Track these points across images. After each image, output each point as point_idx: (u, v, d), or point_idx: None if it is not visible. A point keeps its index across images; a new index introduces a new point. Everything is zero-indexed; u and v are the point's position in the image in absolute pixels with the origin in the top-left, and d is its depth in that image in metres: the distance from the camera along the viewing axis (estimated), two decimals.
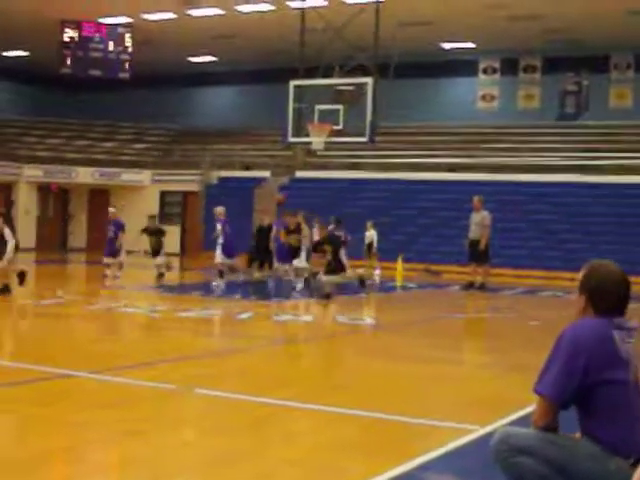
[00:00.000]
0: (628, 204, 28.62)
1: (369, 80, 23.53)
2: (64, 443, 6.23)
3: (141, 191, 37.65)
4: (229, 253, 21.40)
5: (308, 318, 15.78)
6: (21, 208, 36.54)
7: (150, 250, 22.35)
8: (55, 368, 9.06)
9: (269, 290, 21.01)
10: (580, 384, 4.26)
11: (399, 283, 24.53)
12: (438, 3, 28.54)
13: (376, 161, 34.39)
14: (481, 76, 37.17)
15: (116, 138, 40.43)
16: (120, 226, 21.56)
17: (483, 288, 22.09)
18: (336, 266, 18.35)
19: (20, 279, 17.04)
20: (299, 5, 26.00)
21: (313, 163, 35.48)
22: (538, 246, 28.33)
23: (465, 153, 33.86)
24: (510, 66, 36.47)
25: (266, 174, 35.81)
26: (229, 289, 20.01)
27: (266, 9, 30.33)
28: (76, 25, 34.51)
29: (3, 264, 16.42)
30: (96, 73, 35.67)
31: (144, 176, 37.94)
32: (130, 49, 35.26)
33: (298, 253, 20.55)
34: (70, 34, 34.55)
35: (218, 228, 21.23)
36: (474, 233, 22.33)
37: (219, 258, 21.10)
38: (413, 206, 31.33)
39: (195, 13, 31.49)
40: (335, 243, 18.80)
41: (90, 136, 40.12)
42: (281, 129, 27.16)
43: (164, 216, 37.46)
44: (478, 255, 22.20)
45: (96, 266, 21.85)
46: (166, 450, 6.17)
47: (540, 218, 29.30)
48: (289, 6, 28.57)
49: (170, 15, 32.00)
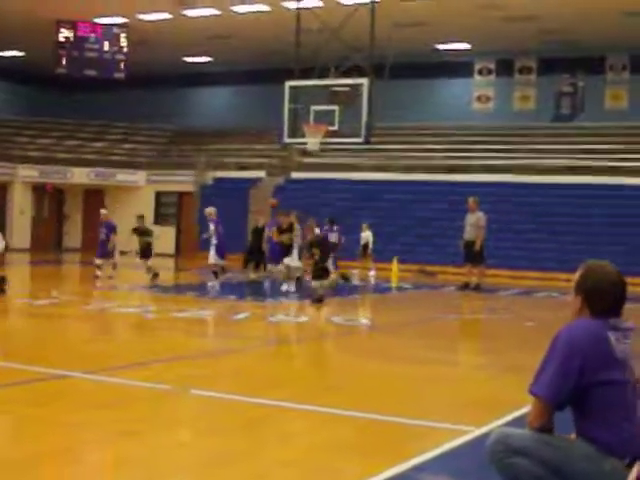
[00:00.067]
0: (624, 205, 28.67)
1: (364, 81, 23.52)
2: (59, 444, 6.22)
3: (136, 191, 37.62)
4: (222, 254, 21.37)
5: (303, 319, 15.77)
6: (16, 208, 36.51)
7: (139, 250, 22.24)
8: (50, 368, 9.05)
9: (264, 291, 20.99)
10: (575, 385, 4.25)
11: (394, 284, 24.53)
12: (433, 4, 28.57)
13: (371, 162, 34.40)
14: (476, 77, 37.19)
15: (111, 138, 40.38)
16: (112, 228, 21.55)
17: (478, 289, 22.10)
18: (322, 270, 18.31)
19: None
20: (294, 6, 25.98)
21: (308, 164, 35.48)
22: (533, 247, 28.35)
23: (460, 154, 33.89)
24: (505, 67, 36.49)
25: (261, 175, 35.83)
26: (224, 290, 19.99)
27: (262, 10, 30.33)
28: (71, 25, 34.48)
29: None
30: (91, 73, 35.64)
31: (139, 176, 37.92)
32: (125, 49, 35.25)
33: (290, 251, 20.51)
34: (65, 34, 34.51)
35: (211, 228, 21.17)
36: (469, 234, 22.34)
37: (213, 259, 21.07)
38: (408, 207, 31.33)
39: (191, 13, 31.48)
40: (324, 247, 18.75)
41: (85, 136, 40.07)
42: (277, 130, 27.17)
43: (159, 217, 37.54)
44: (473, 256, 22.22)
45: (91, 266, 21.81)
46: (161, 451, 6.16)
47: (535, 219, 29.33)
48: (284, 7, 28.58)
49: (165, 15, 31.99)
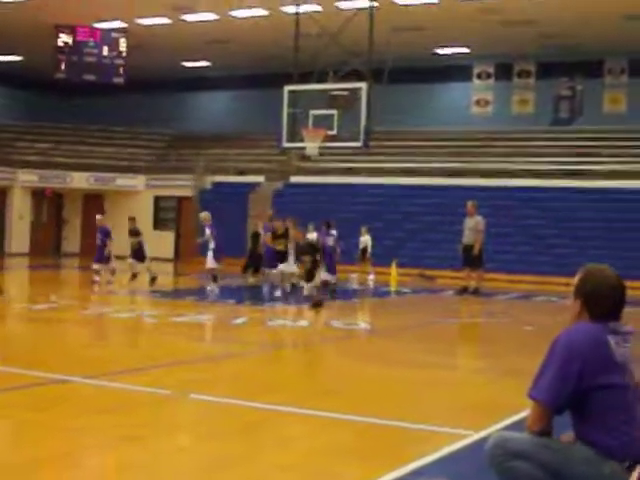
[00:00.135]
0: (623, 209, 28.65)
1: (363, 85, 23.54)
2: (59, 449, 6.23)
3: (135, 196, 37.61)
4: (218, 258, 21.30)
5: (302, 323, 15.78)
6: (15, 213, 36.51)
7: (130, 252, 22.24)
8: (50, 373, 9.05)
9: (263, 295, 20.99)
10: (575, 389, 4.26)
11: (393, 288, 24.54)
12: (432, 8, 28.58)
13: (370, 166, 34.42)
14: (475, 81, 37.20)
15: (110, 143, 40.35)
16: (106, 233, 21.59)
17: (477, 293, 22.11)
18: (310, 272, 18.30)
19: None
20: (293, 10, 26.00)
21: (307, 168, 35.50)
22: (532, 251, 28.36)
23: (459, 158, 33.90)
24: (504, 71, 36.49)
25: (260, 179, 35.83)
26: (223, 294, 19.98)
27: (260, 14, 30.33)
28: (70, 30, 34.47)
29: None
30: (90, 78, 35.63)
31: (138, 181, 37.92)
32: (124, 54, 35.24)
33: (285, 257, 20.46)
34: (64, 39, 34.50)
35: (207, 233, 21.12)
36: (468, 238, 22.35)
37: (211, 263, 21.02)
38: (407, 211, 31.35)
39: (189, 18, 31.48)
40: (313, 252, 18.72)
41: (84, 141, 40.03)
42: (275, 134, 27.16)
43: (158, 221, 37.54)
44: (472, 260, 22.23)
45: (90, 271, 21.83)
46: (161, 455, 6.17)
47: (534, 223, 29.34)
48: (283, 11, 28.57)
49: (164, 20, 31.99)
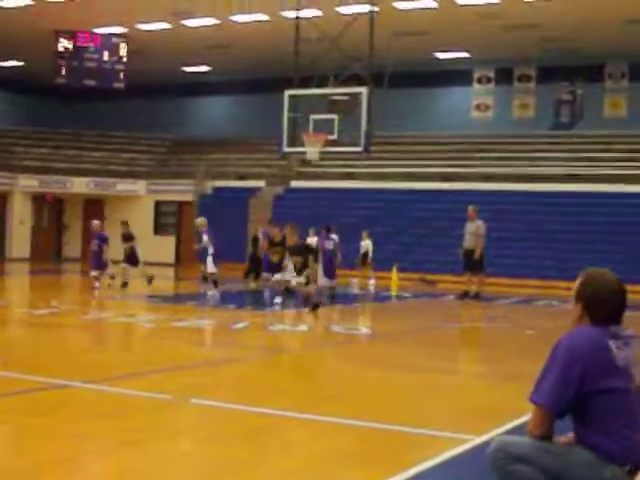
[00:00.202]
0: (624, 212, 28.67)
1: (364, 90, 23.53)
2: (60, 454, 6.22)
3: (136, 201, 37.63)
4: (217, 263, 21.23)
5: (303, 328, 15.77)
6: (16, 218, 36.51)
7: (124, 257, 22.22)
8: (50, 378, 9.04)
9: (264, 300, 20.97)
10: (576, 393, 4.25)
11: (394, 293, 24.52)
12: (432, 13, 28.60)
13: (371, 171, 34.42)
14: (476, 85, 37.22)
15: (111, 148, 40.37)
16: (104, 239, 21.63)
17: (478, 297, 22.09)
18: (302, 270, 18.22)
19: None
20: (294, 15, 26.01)
21: (308, 173, 35.50)
22: (533, 255, 28.34)
23: (460, 162, 33.91)
24: (505, 75, 36.50)
25: (261, 184, 35.84)
26: (224, 299, 19.97)
27: (261, 19, 30.36)
28: (70, 35, 34.49)
29: None
30: (91, 83, 35.64)
31: (139, 186, 37.92)
32: (125, 59, 35.26)
33: (280, 268, 20.04)
34: (65, 44, 34.51)
35: (205, 239, 21.10)
36: (469, 242, 22.34)
37: (211, 268, 21.00)
38: (408, 216, 31.35)
39: (190, 23, 31.51)
40: (304, 253, 18.45)
41: (85, 146, 40.06)
42: (276, 139, 27.18)
43: (159, 226, 37.55)
44: (473, 264, 22.21)
45: (90, 277, 21.82)
46: (162, 460, 6.16)
47: (535, 227, 29.32)
48: (284, 16, 28.58)
49: (165, 25, 32.02)
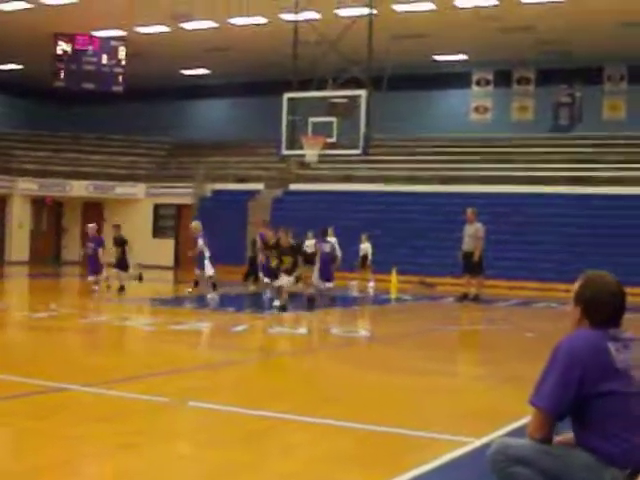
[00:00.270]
0: (622, 215, 28.67)
1: (362, 92, 23.52)
2: (59, 457, 6.21)
3: (135, 204, 37.64)
4: (202, 266, 21.09)
5: (303, 331, 15.77)
6: (15, 221, 36.52)
7: (115, 262, 22.07)
8: (49, 381, 9.02)
9: (264, 303, 20.95)
10: (576, 396, 4.24)
11: (393, 295, 24.52)
12: (431, 15, 28.61)
13: (370, 173, 34.43)
14: (474, 88, 37.24)
15: (110, 151, 40.37)
16: (100, 242, 21.59)
17: (477, 300, 22.09)
18: (291, 270, 18.07)
19: None
20: (292, 18, 26.02)
21: (307, 175, 35.51)
22: (532, 257, 28.33)
23: (458, 165, 33.92)
24: (503, 78, 36.53)
25: (260, 187, 35.84)
26: (223, 302, 19.96)
27: (259, 22, 30.39)
28: (69, 38, 34.50)
29: None
30: (89, 86, 35.65)
31: (138, 189, 37.94)
32: (123, 62, 35.26)
33: (277, 274, 19.75)
34: (63, 47, 34.52)
35: (200, 243, 21.05)
36: (468, 245, 22.34)
37: (210, 271, 20.97)
38: (407, 218, 31.33)
39: (188, 26, 31.51)
40: (294, 254, 18.28)
41: (84, 149, 40.07)
42: (275, 142, 27.16)
43: (158, 229, 37.57)
44: (472, 267, 22.21)
45: (88, 281, 21.82)
46: (161, 463, 6.14)
47: (534, 230, 29.32)
48: (282, 19, 28.60)
49: (163, 28, 32.03)
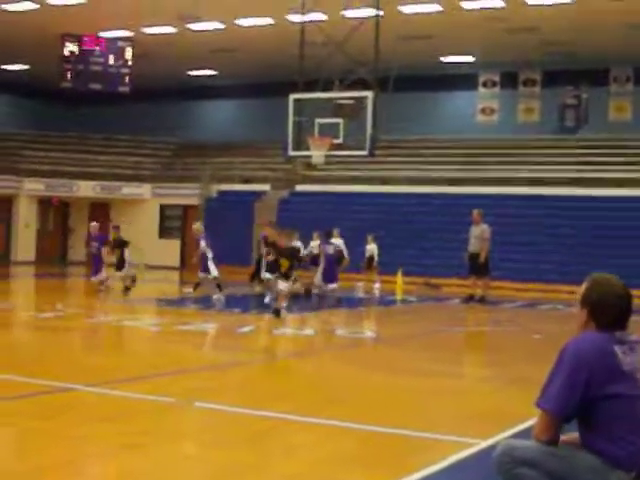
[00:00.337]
0: (628, 217, 28.61)
1: (369, 94, 23.50)
2: (64, 457, 6.21)
3: (141, 205, 37.67)
4: (205, 268, 21.01)
5: (308, 332, 15.77)
6: (21, 221, 36.58)
7: (115, 262, 22.00)
8: (55, 381, 9.03)
9: (269, 304, 20.92)
10: (582, 398, 4.24)
11: (399, 296, 24.52)
12: (437, 17, 28.59)
13: (376, 174, 34.41)
14: (481, 89, 37.22)
15: (116, 152, 40.40)
16: (103, 241, 21.65)
17: (483, 301, 22.08)
18: (288, 274, 17.72)
19: None
20: (299, 19, 26.01)
21: (313, 177, 35.50)
22: (538, 259, 28.29)
23: (465, 166, 33.89)
24: (510, 79, 36.51)
25: (266, 188, 35.83)
26: (229, 303, 19.95)
27: (266, 23, 30.39)
28: (76, 39, 34.51)
29: None
30: (96, 87, 35.65)
31: (144, 190, 37.96)
32: (130, 63, 35.27)
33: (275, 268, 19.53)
34: (70, 48, 34.53)
35: (202, 245, 20.98)
36: (474, 246, 22.34)
37: (214, 272, 20.92)
38: (413, 219, 31.30)
39: (195, 27, 31.53)
40: (291, 257, 17.81)
41: (90, 150, 40.10)
42: (281, 143, 27.17)
43: (164, 230, 37.60)
44: (478, 268, 22.20)
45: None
46: (166, 464, 6.14)
47: (539, 231, 29.28)
48: (289, 20, 28.60)
49: (170, 29, 32.05)
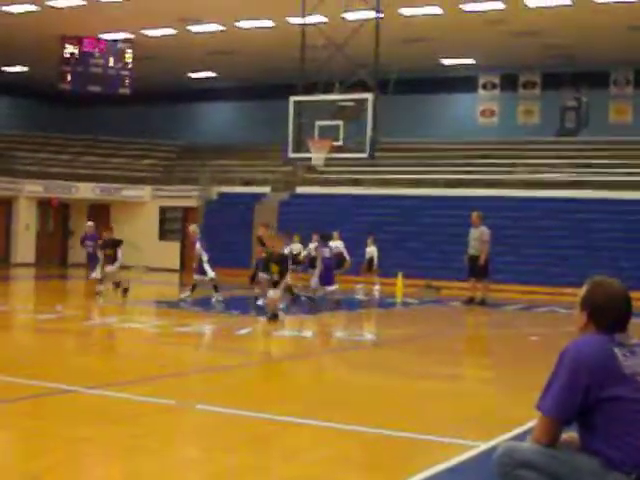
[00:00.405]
0: (628, 220, 28.61)
1: (369, 96, 23.51)
2: (64, 459, 6.22)
3: (141, 207, 37.65)
4: (201, 271, 20.97)
5: (308, 334, 15.77)
6: (21, 223, 36.55)
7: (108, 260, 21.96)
8: (55, 383, 9.04)
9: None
10: (582, 401, 4.24)
11: (399, 299, 24.51)
12: (438, 19, 28.61)
13: (376, 177, 34.41)
14: (481, 92, 37.25)
15: (116, 154, 40.37)
16: (97, 240, 21.71)
17: (483, 303, 22.07)
18: (279, 282, 17.44)
19: None
20: (299, 22, 26.02)
21: (313, 179, 35.50)
22: (538, 261, 28.28)
23: (465, 169, 33.87)
24: (510, 82, 36.54)
25: (266, 190, 35.82)
26: (229, 305, 19.95)
27: (266, 25, 30.41)
28: (76, 41, 34.48)
29: None
30: (96, 89, 35.60)
31: (144, 192, 37.92)
32: (130, 65, 35.25)
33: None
34: (70, 50, 34.50)
35: (197, 246, 20.97)
36: (473, 249, 22.34)
37: (211, 273, 20.89)
38: (413, 222, 31.29)
39: (195, 29, 31.55)
40: (282, 264, 17.09)
41: (90, 152, 40.08)
42: (281, 145, 27.17)
43: (164, 232, 37.58)
44: (477, 270, 22.20)
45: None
46: (167, 466, 6.14)
47: (539, 234, 29.27)
48: (289, 22, 28.62)
49: (170, 31, 32.05)
